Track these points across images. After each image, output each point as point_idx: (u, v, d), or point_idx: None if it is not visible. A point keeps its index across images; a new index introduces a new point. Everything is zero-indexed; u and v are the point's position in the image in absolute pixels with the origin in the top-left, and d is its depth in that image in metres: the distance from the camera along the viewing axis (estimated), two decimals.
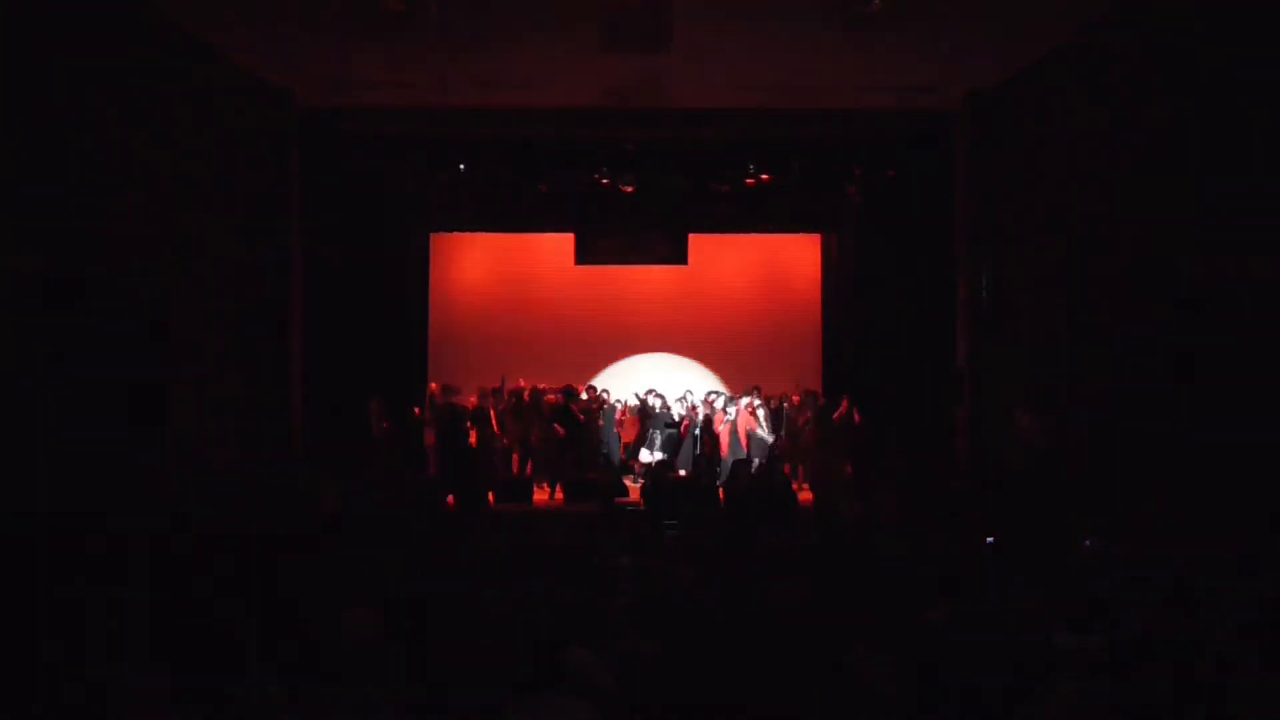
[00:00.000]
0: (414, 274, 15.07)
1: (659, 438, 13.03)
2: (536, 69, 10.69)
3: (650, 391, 13.87)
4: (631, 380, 14.77)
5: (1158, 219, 8.65)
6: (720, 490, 10.93)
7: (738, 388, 14.32)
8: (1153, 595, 4.81)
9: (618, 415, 13.65)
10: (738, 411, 12.99)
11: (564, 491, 12.11)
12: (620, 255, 14.83)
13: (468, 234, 15.42)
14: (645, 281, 15.44)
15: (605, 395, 13.98)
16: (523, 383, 13.58)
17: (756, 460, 12.54)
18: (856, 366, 14.22)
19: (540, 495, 12.33)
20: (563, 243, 14.91)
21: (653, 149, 12.97)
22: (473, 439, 12.34)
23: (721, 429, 12.97)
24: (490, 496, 11.59)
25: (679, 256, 14.82)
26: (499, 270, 15.71)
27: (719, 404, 13.38)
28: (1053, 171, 10.40)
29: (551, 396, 13.17)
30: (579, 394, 13.48)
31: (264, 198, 11.29)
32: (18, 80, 8.04)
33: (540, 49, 10.10)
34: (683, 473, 12.46)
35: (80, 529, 6.76)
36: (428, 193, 13.92)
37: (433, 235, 15.38)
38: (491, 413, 12.61)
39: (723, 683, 3.54)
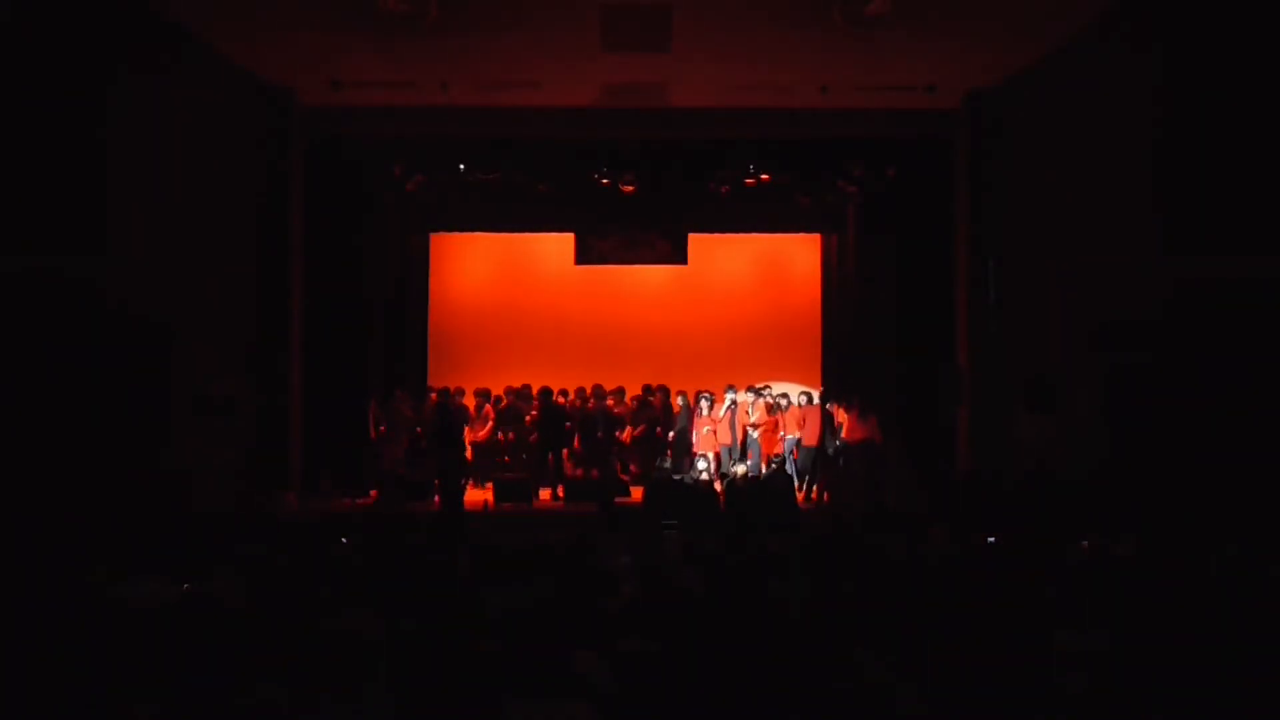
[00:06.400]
0: (414, 274, 15.07)
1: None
2: (536, 69, 10.69)
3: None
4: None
5: (1158, 219, 8.66)
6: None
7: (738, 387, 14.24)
8: (1153, 595, 4.81)
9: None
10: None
11: (564, 492, 12.12)
12: (620, 255, 14.81)
13: (468, 234, 15.42)
14: (645, 282, 15.44)
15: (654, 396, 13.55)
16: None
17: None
18: (856, 366, 14.21)
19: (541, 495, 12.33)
20: (563, 243, 14.91)
21: (653, 149, 12.95)
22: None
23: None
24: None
25: (679, 256, 14.82)
26: (499, 270, 15.71)
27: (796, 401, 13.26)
28: (1052, 171, 10.40)
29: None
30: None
31: (264, 197, 11.29)
32: (17, 80, 8.05)
33: (540, 49, 10.10)
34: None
35: (80, 528, 6.77)
36: (428, 193, 13.91)
37: (433, 235, 15.39)
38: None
39: (723, 683, 3.53)
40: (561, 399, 13.24)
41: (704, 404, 13.06)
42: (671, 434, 13.14)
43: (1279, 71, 7.63)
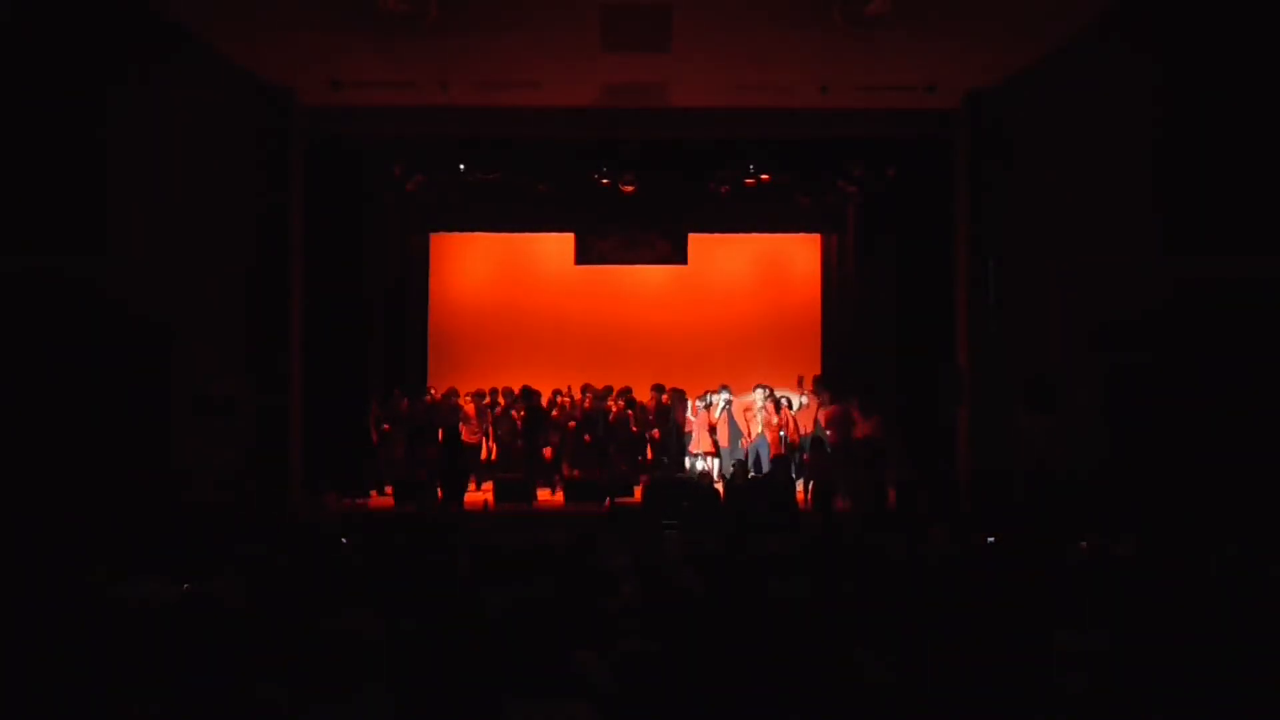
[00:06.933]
0: (414, 274, 15.07)
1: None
2: (536, 69, 10.69)
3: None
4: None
5: (1158, 219, 8.66)
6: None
7: (739, 387, 14.22)
8: (1153, 595, 4.82)
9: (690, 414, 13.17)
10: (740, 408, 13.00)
11: (564, 491, 12.12)
12: (620, 255, 14.84)
13: (468, 234, 15.43)
14: (645, 281, 15.45)
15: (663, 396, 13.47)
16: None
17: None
18: (856, 366, 14.21)
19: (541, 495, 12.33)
20: (563, 243, 14.91)
21: (653, 149, 12.96)
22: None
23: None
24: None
25: (679, 256, 14.84)
26: (499, 270, 15.72)
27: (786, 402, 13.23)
28: (1052, 171, 10.40)
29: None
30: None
31: (264, 197, 11.29)
32: (18, 80, 8.05)
33: (540, 49, 10.10)
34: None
35: (81, 528, 6.77)
36: (428, 193, 13.91)
37: (433, 235, 15.40)
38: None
39: (723, 684, 3.53)
40: (566, 400, 13.27)
41: (699, 404, 13.09)
42: (655, 433, 13.13)
43: (1279, 72, 7.63)
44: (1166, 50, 8.55)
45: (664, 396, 13.32)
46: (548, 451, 12.89)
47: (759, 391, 13.11)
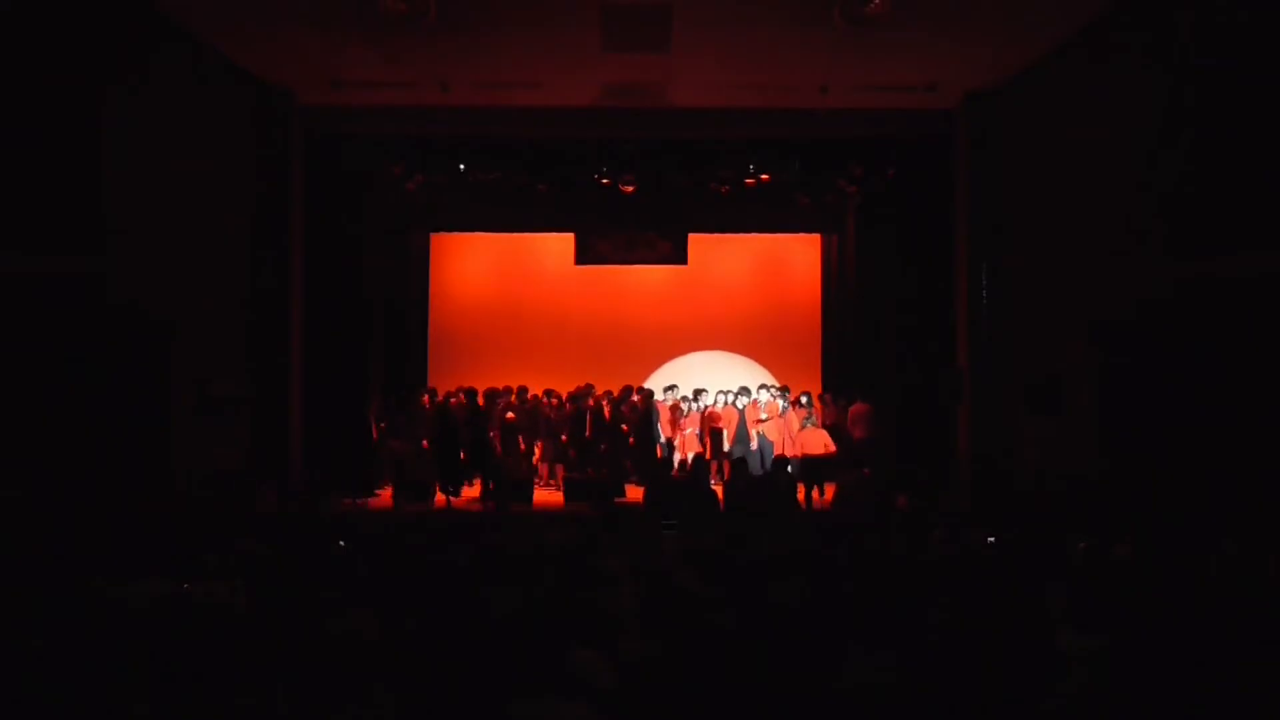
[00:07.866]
0: (414, 274, 15.08)
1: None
2: (536, 69, 10.69)
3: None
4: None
5: (1159, 218, 8.66)
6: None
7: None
8: (1153, 595, 4.82)
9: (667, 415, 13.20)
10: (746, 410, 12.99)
11: (564, 491, 12.13)
12: (620, 255, 14.85)
13: (468, 234, 15.44)
14: (645, 281, 15.45)
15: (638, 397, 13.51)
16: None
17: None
18: (856, 366, 14.22)
19: (541, 495, 12.34)
20: (563, 243, 14.92)
21: (653, 149, 12.96)
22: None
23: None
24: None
25: (679, 256, 14.85)
26: (499, 270, 15.73)
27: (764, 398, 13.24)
28: (1053, 171, 10.41)
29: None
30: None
31: (264, 197, 11.29)
32: (17, 80, 8.05)
33: (540, 49, 10.10)
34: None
35: (80, 527, 6.78)
36: (428, 193, 13.92)
37: (433, 235, 15.41)
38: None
39: (723, 684, 3.54)
40: (555, 400, 13.29)
41: (686, 405, 13.10)
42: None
43: (1278, 70, 7.62)
44: (1166, 50, 8.55)
45: (638, 399, 13.32)
46: (538, 449, 12.94)
47: (763, 393, 13.13)
